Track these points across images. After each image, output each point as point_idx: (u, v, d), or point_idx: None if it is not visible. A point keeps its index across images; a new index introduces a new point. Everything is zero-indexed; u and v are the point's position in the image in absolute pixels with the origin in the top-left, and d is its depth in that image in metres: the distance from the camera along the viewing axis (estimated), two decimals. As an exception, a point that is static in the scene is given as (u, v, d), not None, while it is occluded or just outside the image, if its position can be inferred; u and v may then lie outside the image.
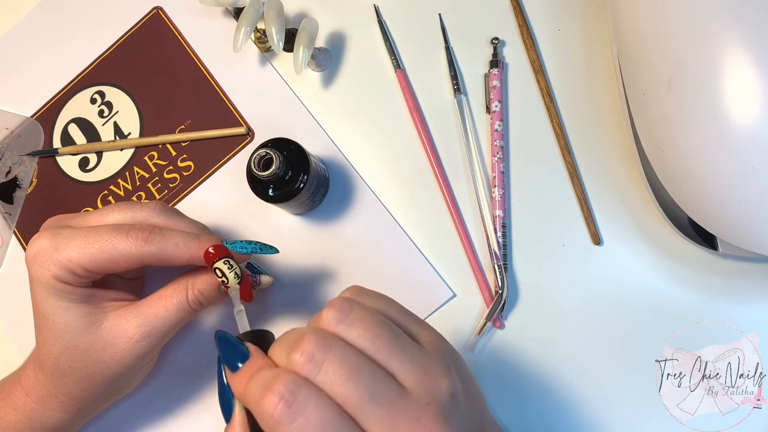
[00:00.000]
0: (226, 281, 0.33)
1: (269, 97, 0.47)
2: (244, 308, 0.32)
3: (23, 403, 0.37)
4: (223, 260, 0.33)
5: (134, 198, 0.47)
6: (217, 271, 0.33)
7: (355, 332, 0.25)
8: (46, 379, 0.36)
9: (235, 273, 0.33)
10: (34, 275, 0.33)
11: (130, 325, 0.34)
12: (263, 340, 0.29)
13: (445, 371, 0.26)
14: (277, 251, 0.37)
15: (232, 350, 0.27)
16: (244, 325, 0.31)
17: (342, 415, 0.23)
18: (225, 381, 0.27)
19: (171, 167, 0.47)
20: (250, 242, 0.35)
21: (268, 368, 0.25)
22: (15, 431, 0.37)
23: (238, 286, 0.33)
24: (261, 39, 0.46)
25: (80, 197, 0.48)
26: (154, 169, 0.47)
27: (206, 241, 0.34)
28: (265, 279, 0.38)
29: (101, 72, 0.49)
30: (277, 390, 0.23)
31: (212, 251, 0.33)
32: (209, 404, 0.44)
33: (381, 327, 0.25)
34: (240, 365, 0.26)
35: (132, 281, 0.41)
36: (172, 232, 0.34)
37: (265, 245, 0.36)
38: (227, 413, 0.27)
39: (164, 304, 0.35)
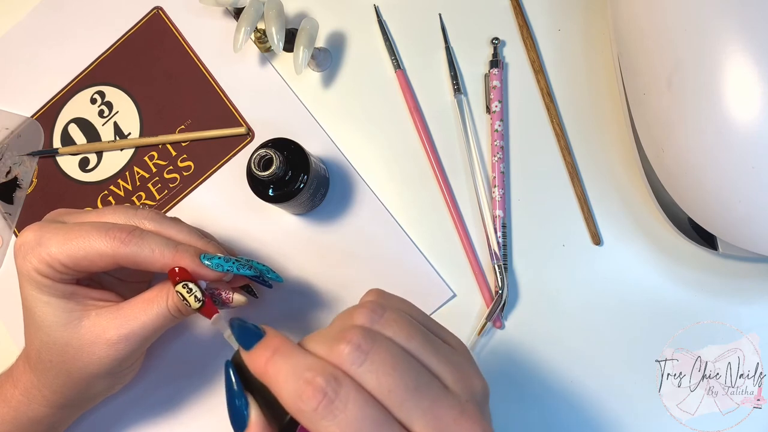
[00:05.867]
0: (188, 304, 0.32)
1: (269, 97, 0.47)
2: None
3: (11, 395, 0.37)
4: (182, 283, 0.32)
5: (134, 198, 0.47)
6: (178, 293, 0.32)
7: (390, 332, 0.25)
8: (30, 371, 0.36)
9: (195, 297, 0.32)
10: (18, 267, 0.34)
11: (110, 326, 0.34)
12: None
13: (476, 372, 0.26)
14: (261, 279, 0.35)
15: (247, 332, 0.26)
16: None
17: (381, 410, 0.23)
18: (238, 387, 0.26)
19: (171, 167, 0.47)
20: (229, 259, 0.34)
21: (301, 354, 0.24)
22: (3, 423, 0.37)
23: (198, 307, 0.32)
24: (261, 39, 0.46)
25: (80, 197, 0.48)
26: (154, 169, 0.47)
27: (183, 252, 0.33)
28: (237, 298, 0.36)
29: (101, 72, 0.49)
30: (318, 384, 0.22)
31: (176, 270, 0.32)
32: (203, 402, 0.44)
33: (414, 328, 0.25)
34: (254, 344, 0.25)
35: (136, 285, 0.41)
36: (152, 237, 0.33)
37: (245, 264, 0.34)
38: (240, 423, 0.26)
39: (145, 309, 0.34)
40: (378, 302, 0.26)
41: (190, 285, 0.32)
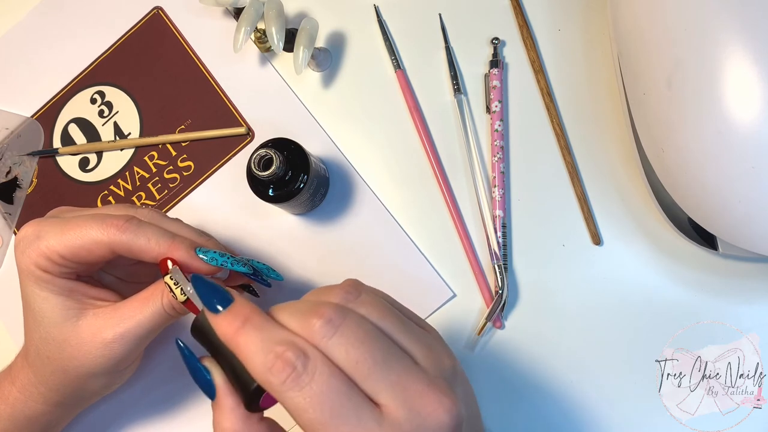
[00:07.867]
0: (174, 296, 0.32)
1: (269, 97, 0.47)
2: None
3: (8, 392, 0.37)
4: (169, 275, 0.32)
5: (134, 198, 0.47)
6: (165, 284, 0.32)
7: (364, 311, 0.25)
8: (28, 367, 0.36)
9: (182, 289, 0.32)
10: (17, 262, 0.34)
11: (106, 325, 0.34)
12: None
13: (448, 353, 0.27)
14: (260, 278, 0.35)
15: (213, 291, 0.26)
16: None
17: (347, 382, 0.23)
18: (196, 362, 0.27)
19: (171, 167, 0.47)
20: (224, 255, 0.34)
21: (272, 326, 0.24)
22: (0, 421, 0.37)
23: (184, 300, 0.32)
24: (261, 39, 0.46)
25: (80, 197, 0.48)
26: (154, 169, 0.47)
27: (179, 243, 0.33)
28: None
29: (101, 72, 0.49)
30: (288, 358, 0.23)
31: (169, 262, 0.32)
32: (201, 401, 0.43)
33: (387, 309, 0.26)
34: (221, 308, 0.25)
35: (137, 285, 0.40)
36: (149, 226, 0.33)
37: (240, 261, 0.34)
38: (209, 389, 0.27)
39: (140, 307, 0.34)
40: (354, 285, 0.27)
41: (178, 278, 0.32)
